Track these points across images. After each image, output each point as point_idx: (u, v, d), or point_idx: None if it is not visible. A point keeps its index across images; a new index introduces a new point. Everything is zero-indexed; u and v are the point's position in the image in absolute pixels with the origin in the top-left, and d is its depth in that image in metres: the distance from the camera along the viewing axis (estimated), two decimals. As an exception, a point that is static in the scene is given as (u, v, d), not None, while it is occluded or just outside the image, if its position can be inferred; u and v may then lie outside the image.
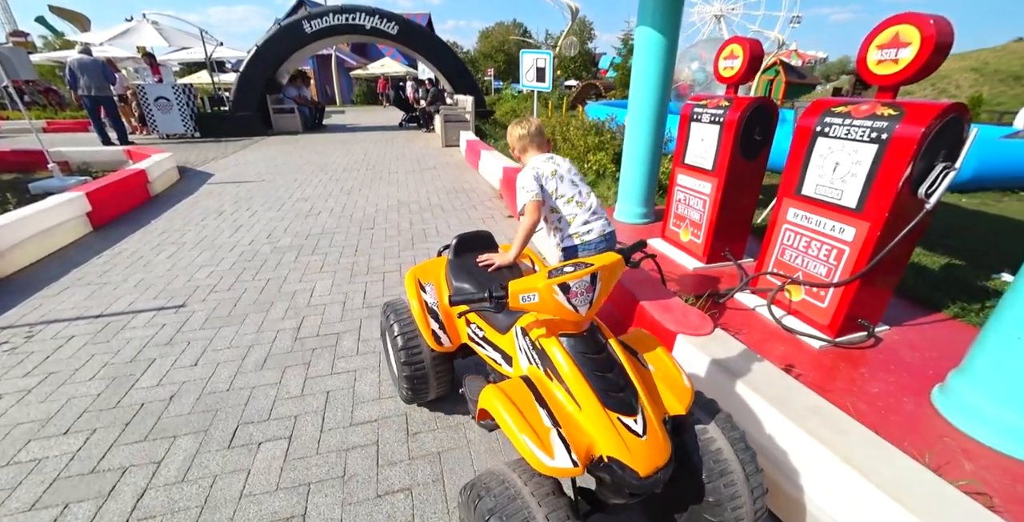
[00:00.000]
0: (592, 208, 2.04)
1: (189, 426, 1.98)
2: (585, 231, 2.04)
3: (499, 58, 43.73)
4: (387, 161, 8.06)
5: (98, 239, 4.22)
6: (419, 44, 11.93)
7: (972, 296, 3.00)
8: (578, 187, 2.04)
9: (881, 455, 1.45)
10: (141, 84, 10.14)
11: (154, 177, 5.76)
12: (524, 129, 2.07)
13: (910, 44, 1.91)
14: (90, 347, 2.56)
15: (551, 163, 2.03)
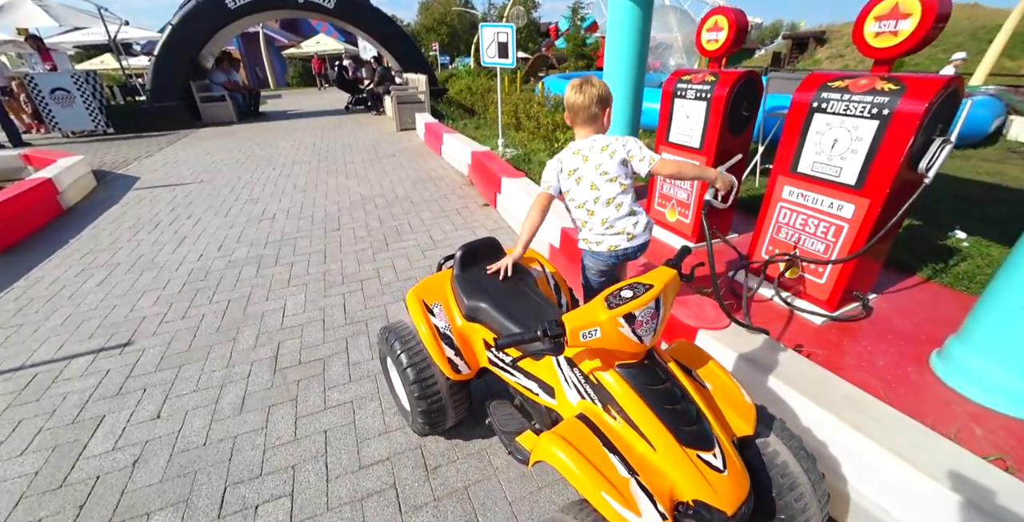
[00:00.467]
0: (608, 222, 1.74)
1: (164, 497, 1.68)
2: (595, 242, 1.81)
3: (442, 31, 41.62)
4: (340, 150, 7.46)
5: (3, 269, 3.59)
6: (360, 19, 10.91)
7: (937, 256, 3.16)
8: (598, 191, 1.73)
9: (918, 440, 1.45)
10: (29, 73, 8.74)
11: (64, 186, 4.96)
12: (573, 98, 1.72)
13: (911, 15, 1.81)
14: (14, 411, 2.12)
15: (578, 159, 1.76)
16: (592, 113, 1.74)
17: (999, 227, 3.58)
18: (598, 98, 1.73)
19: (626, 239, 1.76)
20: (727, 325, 2.05)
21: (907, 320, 2.39)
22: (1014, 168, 5.94)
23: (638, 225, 1.76)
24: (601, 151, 1.73)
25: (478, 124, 8.54)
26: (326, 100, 15.82)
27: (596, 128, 1.79)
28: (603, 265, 1.86)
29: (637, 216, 1.77)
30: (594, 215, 1.76)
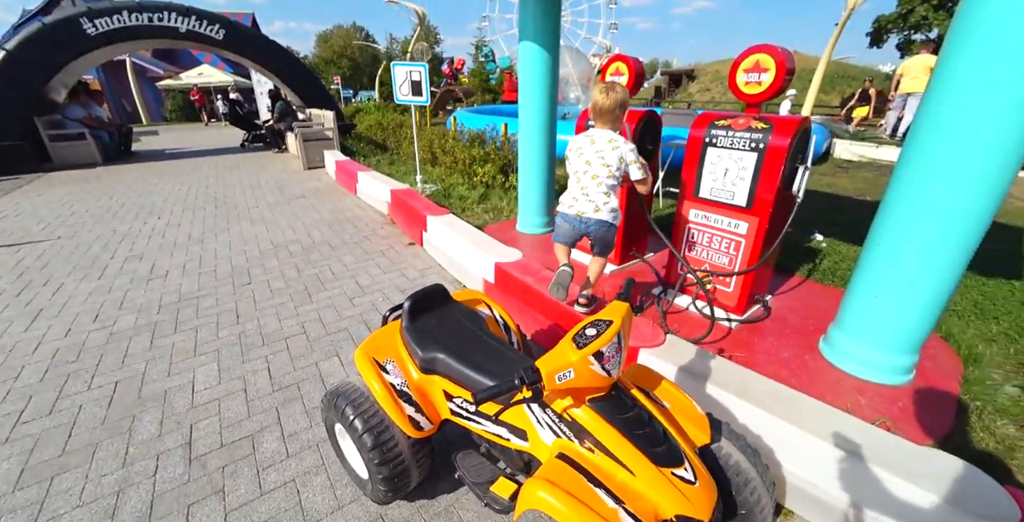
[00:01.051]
0: (585, 190, 2.21)
1: None
2: (569, 204, 2.27)
3: (343, 64, 41.03)
4: (240, 193, 6.84)
5: None
6: (254, 51, 10.19)
7: (806, 257, 3.80)
8: (589, 167, 2.20)
9: (824, 417, 1.69)
10: None
11: None
12: (600, 101, 2.18)
13: (769, 70, 2.23)
14: None
15: (586, 140, 2.25)
16: (615, 115, 2.21)
17: (843, 228, 4.39)
18: (620, 102, 2.18)
19: (592, 210, 2.20)
20: (663, 341, 2.21)
21: (796, 315, 2.82)
22: (843, 180, 7.34)
23: (607, 205, 2.20)
24: (608, 142, 2.20)
25: (392, 160, 8.44)
26: (215, 137, 14.53)
27: (614, 126, 2.25)
28: (568, 227, 2.29)
29: (608, 200, 2.20)
30: (578, 182, 2.24)
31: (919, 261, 1.95)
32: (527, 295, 2.88)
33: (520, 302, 2.95)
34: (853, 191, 6.52)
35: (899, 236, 1.99)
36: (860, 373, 2.20)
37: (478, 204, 5.25)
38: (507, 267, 3.06)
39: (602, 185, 2.18)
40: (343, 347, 2.83)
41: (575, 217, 2.23)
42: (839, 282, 3.27)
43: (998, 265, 3.74)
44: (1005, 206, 5.85)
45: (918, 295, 1.99)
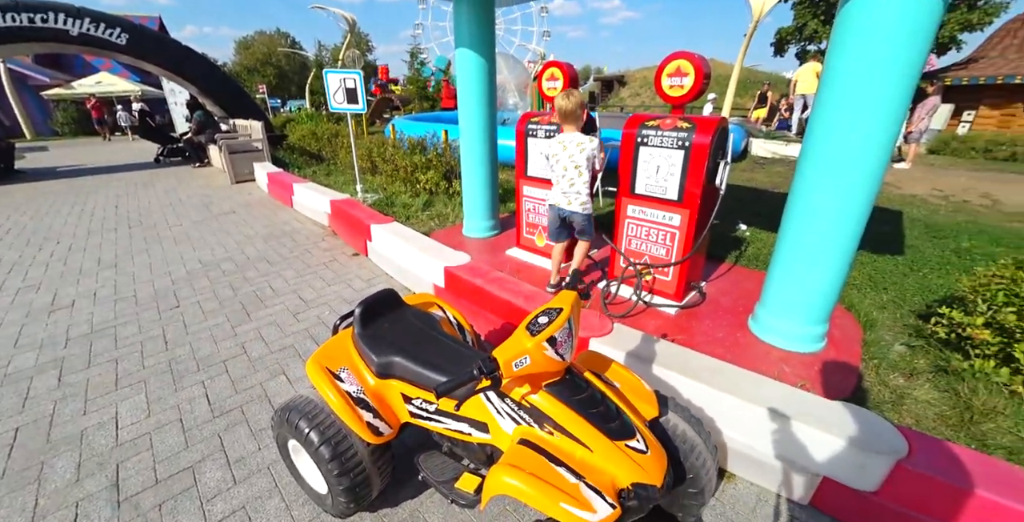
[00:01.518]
0: (564, 190, 2.75)
1: None
2: (553, 198, 2.83)
3: (268, 72, 38.89)
4: (159, 211, 6.28)
5: None
6: (164, 58, 9.24)
7: (733, 245, 4.17)
8: (565, 171, 2.71)
9: (756, 385, 1.89)
10: None
11: None
12: (563, 104, 2.63)
13: (689, 74, 2.45)
14: None
15: (559, 146, 2.73)
16: (576, 115, 2.66)
17: (763, 218, 4.85)
18: (579, 104, 2.64)
19: (566, 202, 2.77)
20: (611, 330, 2.34)
21: (728, 298, 3.09)
22: (760, 175, 8.10)
23: (579, 197, 2.74)
24: (576, 145, 2.67)
25: (329, 170, 8.14)
26: (122, 152, 13.21)
27: (577, 126, 2.71)
28: (554, 214, 2.87)
29: (581, 194, 2.74)
30: (558, 183, 2.78)
31: (820, 242, 2.23)
32: (478, 297, 2.91)
33: (472, 304, 2.98)
34: (769, 184, 7.21)
35: (803, 222, 2.27)
36: (783, 344, 2.47)
37: (423, 211, 5.21)
38: (456, 270, 3.07)
39: (576, 184, 2.72)
40: (290, 364, 2.70)
41: (558, 207, 2.82)
42: (762, 266, 3.61)
43: (885, 244, 4.31)
44: (886, 193, 6.75)
45: (822, 272, 2.27)
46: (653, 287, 2.96)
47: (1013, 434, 1.94)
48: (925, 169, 9.30)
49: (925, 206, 6.06)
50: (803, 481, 1.70)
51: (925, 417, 2.07)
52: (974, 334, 2.29)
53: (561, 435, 1.23)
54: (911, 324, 2.83)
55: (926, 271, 3.69)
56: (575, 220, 2.82)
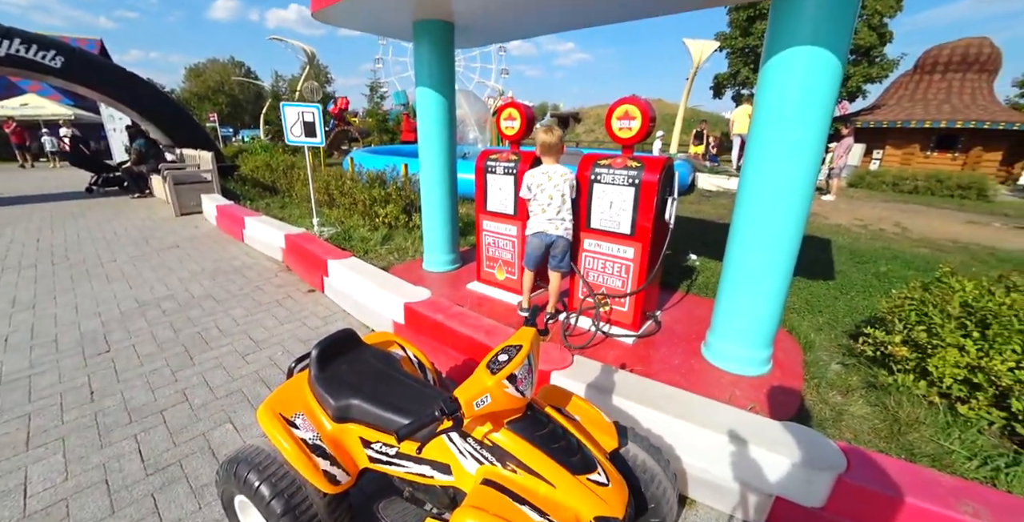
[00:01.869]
0: (549, 215, 2.93)
1: None
2: (537, 226, 2.98)
3: (220, 100, 37.95)
4: (89, 245, 5.82)
5: None
6: (104, 83, 8.79)
7: (684, 275, 4.40)
8: (551, 200, 2.91)
9: (710, 411, 1.97)
10: None
11: None
12: (541, 141, 2.95)
13: (636, 118, 2.66)
14: None
15: (543, 177, 2.94)
16: (558, 147, 2.96)
17: (712, 248, 5.17)
18: (560, 137, 2.96)
19: (553, 227, 2.94)
20: (571, 363, 2.38)
21: (682, 325, 3.23)
22: (707, 207, 8.69)
23: (563, 223, 2.95)
24: (561, 176, 2.91)
25: (283, 203, 7.93)
26: (49, 179, 12.24)
27: (557, 158, 2.99)
28: (537, 241, 2.99)
29: (565, 220, 2.95)
30: (544, 212, 2.94)
31: (759, 270, 2.43)
32: (439, 332, 2.88)
33: (433, 340, 2.94)
34: (715, 216, 7.74)
35: (743, 251, 2.47)
36: (733, 369, 2.60)
37: (381, 245, 5.15)
38: (417, 306, 3.04)
39: (561, 211, 2.93)
40: (238, 411, 2.52)
41: (543, 233, 2.97)
42: (712, 294, 3.81)
43: (818, 270, 4.71)
44: (816, 223, 7.43)
45: (763, 298, 2.46)
46: (611, 318, 3.07)
47: (934, 442, 2.12)
48: (847, 201, 10.35)
49: (849, 234, 6.70)
50: (758, 502, 1.76)
51: (861, 431, 2.23)
52: (894, 351, 2.52)
53: (524, 473, 1.23)
54: (844, 344, 3.08)
55: (853, 294, 4.05)
56: (559, 245, 2.97)
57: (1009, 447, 2.13)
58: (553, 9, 3.27)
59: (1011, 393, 2.13)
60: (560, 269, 3.09)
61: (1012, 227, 7.85)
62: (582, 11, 3.31)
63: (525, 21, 3.66)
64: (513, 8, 3.28)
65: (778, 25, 2.12)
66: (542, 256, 3.06)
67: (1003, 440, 2.18)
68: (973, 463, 2.00)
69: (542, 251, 3.03)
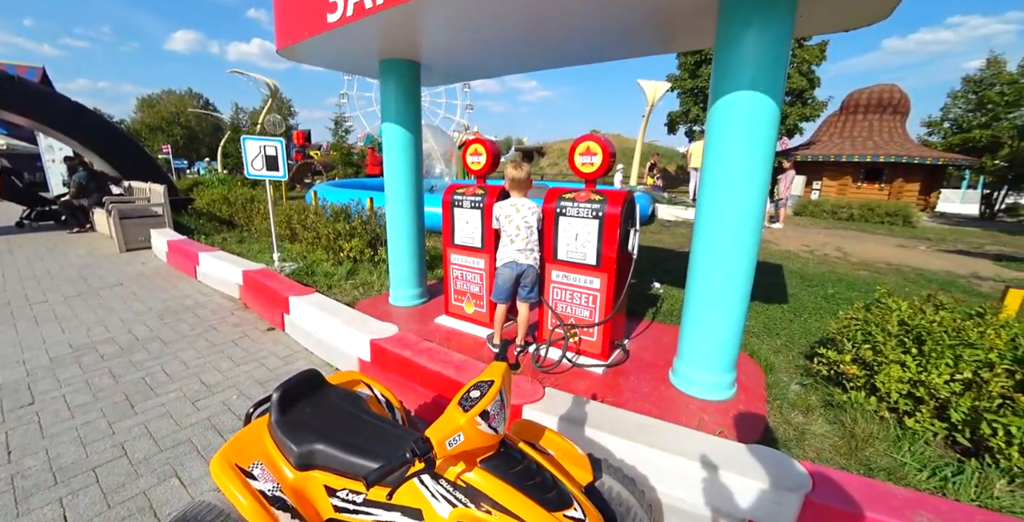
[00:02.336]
0: (518, 245, 3.01)
1: None
2: (507, 256, 3.04)
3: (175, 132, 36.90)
4: (15, 285, 5.33)
5: None
6: (42, 112, 8.37)
7: (649, 303, 4.52)
8: (519, 230, 3.01)
9: (681, 438, 1.99)
10: None
11: None
12: (515, 174, 3.03)
13: (598, 154, 2.81)
14: None
15: (511, 208, 3.03)
16: (526, 182, 3.07)
17: (674, 276, 5.37)
18: (528, 173, 3.07)
19: (523, 257, 3.01)
20: (543, 396, 2.36)
21: (649, 353, 3.29)
22: (667, 236, 9.08)
23: (532, 253, 3.04)
24: (528, 209, 3.01)
25: (241, 238, 7.63)
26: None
27: (525, 192, 3.08)
28: (508, 272, 3.02)
29: (534, 250, 3.05)
30: (513, 242, 3.02)
31: (718, 295, 2.53)
32: (407, 369, 2.80)
33: (400, 377, 2.84)
34: (675, 245, 8.09)
35: (702, 278, 2.58)
36: (700, 394, 2.65)
37: (346, 280, 5.02)
38: (383, 343, 2.95)
39: (528, 241, 3.01)
40: (185, 464, 2.30)
41: (513, 263, 3.02)
42: (677, 321, 3.94)
43: (773, 294, 4.97)
44: (768, 249, 7.90)
45: (723, 323, 2.56)
46: (580, 348, 3.09)
47: (888, 456, 2.22)
48: (794, 228, 11.11)
49: (798, 259, 7.16)
50: (732, 529, 1.76)
51: (823, 449, 2.31)
52: (846, 369, 2.67)
53: (499, 513, 1.19)
54: (801, 365, 3.22)
55: (806, 316, 4.28)
56: (529, 275, 3.03)
57: (953, 456, 2.26)
58: (514, 52, 3.48)
59: (949, 404, 2.28)
60: (529, 300, 3.11)
61: (935, 250, 8.66)
62: (541, 55, 3.54)
63: (488, 62, 3.86)
64: (476, 50, 3.46)
65: (721, 71, 2.34)
66: (512, 288, 3.07)
67: (947, 450, 2.32)
68: (923, 474, 2.10)
69: (513, 282, 3.05)
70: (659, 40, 3.14)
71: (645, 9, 2.49)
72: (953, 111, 20.64)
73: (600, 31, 2.90)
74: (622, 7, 2.47)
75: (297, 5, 3.09)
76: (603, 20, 2.68)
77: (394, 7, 2.44)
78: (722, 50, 2.31)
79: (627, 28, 2.83)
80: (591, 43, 3.19)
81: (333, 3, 2.75)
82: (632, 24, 2.75)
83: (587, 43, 3.19)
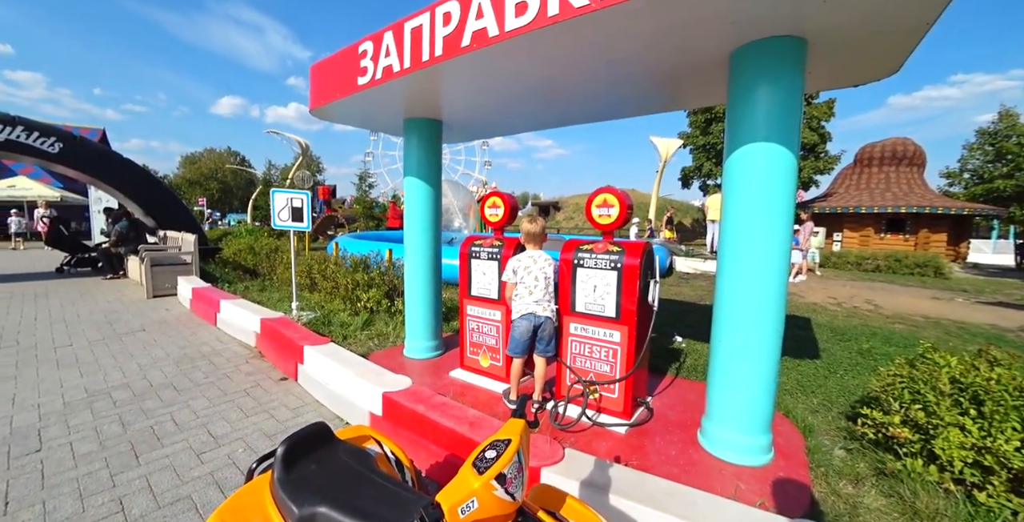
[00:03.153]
0: (536, 297, 2.96)
1: None
2: (524, 308, 2.98)
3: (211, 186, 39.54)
4: (45, 328, 5.47)
5: None
6: (98, 168, 9.27)
7: (672, 357, 4.33)
8: (537, 282, 2.96)
9: (717, 508, 1.80)
10: None
11: None
12: (525, 230, 3.08)
13: (615, 206, 2.84)
14: None
15: (529, 260, 3.01)
16: (541, 236, 3.09)
17: (695, 329, 5.18)
18: (543, 227, 3.10)
19: (541, 309, 2.95)
20: (563, 457, 2.19)
21: (674, 411, 3.08)
22: (686, 289, 8.90)
23: (550, 304, 2.99)
24: (544, 260, 3.01)
25: (263, 286, 7.81)
26: (19, 260, 11.90)
27: (540, 245, 3.11)
28: (526, 324, 2.95)
29: (551, 302, 3.00)
30: (531, 294, 2.97)
31: (746, 351, 2.40)
32: (419, 425, 2.66)
33: (412, 433, 2.70)
34: (696, 297, 7.91)
35: (728, 330, 2.46)
36: (734, 459, 2.42)
37: (362, 330, 5.00)
38: (396, 396, 2.84)
39: (546, 292, 2.97)
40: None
41: (531, 315, 2.95)
42: (701, 376, 3.73)
43: (804, 349, 4.71)
44: (794, 302, 7.64)
45: (754, 380, 2.40)
46: (601, 405, 2.92)
47: (963, 541, 1.94)
48: (818, 280, 10.81)
49: (826, 312, 6.87)
50: None
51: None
52: (896, 433, 2.42)
53: None
54: (843, 427, 2.95)
55: (841, 372, 4.01)
56: (547, 327, 2.95)
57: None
58: (529, 112, 3.69)
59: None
60: (547, 354, 3.00)
61: (973, 302, 8.22)
62: (554, 113, 3.74)
63: (505, 120, 4.08)
64: (493, 109, 3.68)
65: (735, 124, 2.37)
66: (529, 341, 2.98)
67: (1033, 534, 2.01)
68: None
69: (530, 334, 2.96)
70: (670, 98, 3.29)
71: (658, 69, 2.63)
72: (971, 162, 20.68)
73: (613, 92, 3.08)
74: (635, 68, 2.62)
75: (331, 70, 3.39)
76: (616, 82, 2.85)
77: (419, 71, 2.65)
78: (735, 104, 2.38)
79: (639, 88, 2.99)
80: (604, 103, 3.36)
81: (364, 68, 3.01)
82: (644, 84, 2.91)
83: (600, 103, 3.36)
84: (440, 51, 2.52)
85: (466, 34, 2.37)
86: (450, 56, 2.48)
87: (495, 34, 2.24)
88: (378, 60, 2.92)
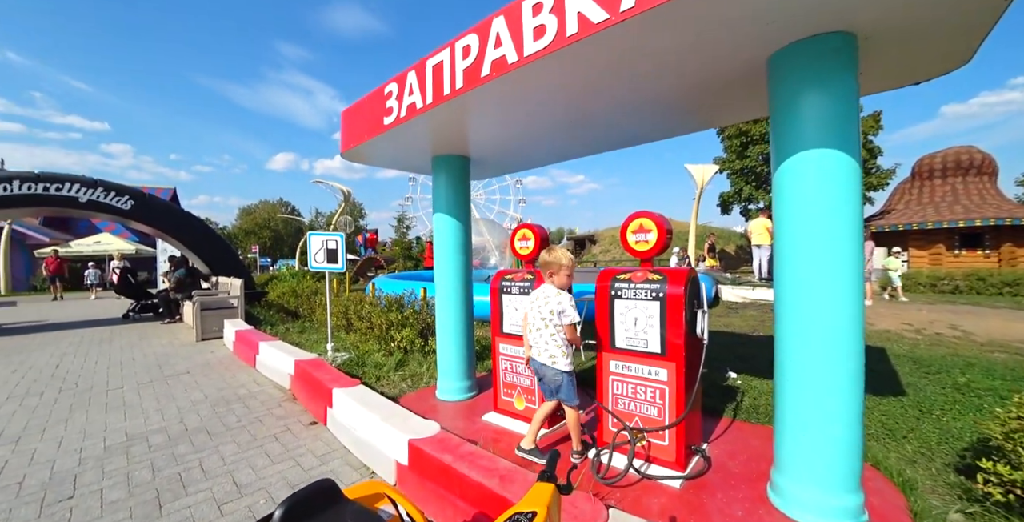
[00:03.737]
0: (533, 339, 2.71)
1: None
2: (528, 350, 2.78)
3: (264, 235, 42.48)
4: (102, 372, 5.72)
5: None
6: (162, 221, 10.34)
7: (726, 396, 3.86)
8: (533, 321, 2.71)
9: None
10: None
11: None
12: (540, 259, 2.76)
13: (652, 231, 2.62)
14: None
15: (535, 296, 2.75)
16: (553, 267, 2.68)
17: (750, 363, 4.67)
18: (556, 257, 2.69)
19: (536, 354, 2.69)
20: (607, 519, 1.88)
21: (736, 461, 2.66)
22: (735, 319, 8.27)
23: (547, 348, 2.65)
24: (543, 297, 2.68)
25: (303, 328, 7.97)
26: (91, 308, 12.88)
27: (558, 277, 2.68)
28: (534, 370, 2.75)
29: (548, 346, 2.64)
30: (529, 334, 2.77)
31: (821, 386, 2.02)
32: (446, 477, 2.41)
33: (439, 487, 2.45)
34: (747, 328, 7.30)
35: (797, 368, 2.09)
36: (809, 519, 2.01)
37: (395, 371, 4.88)
38: (422, 444, 2.62)
39: (542, 334, 2.65)
40: (188, 590, 2.00)
41: (532, 360, 2.73)
42: (763, 419, 3.28)
43: (884, 384, 4.11)
44: (861, 330, 6.86)
45: (834, 422, 2.01)
46: (650, 453, 2.56)
47: None
48: (886, 305, 9.78)
49: (903, 341, 6.09)
50: None
51: None
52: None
53: None
54: (954, 482, 2.44)
55: (937, 412, 3.42)
56: (546, 374, 2.66)
57: None
58: (557, 142, 3.62)
59: None
60: (568, 403, 2.66)
61: (1089, 327, 7.07)
62: (581, 142, 3.64)
63: (532, 152, 4.03)
64: (519, 142, 3.64)
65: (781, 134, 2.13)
66: (547, 386, 2.74)
67: None
68: None
69: (540, 381, 2.77)
70: (700, 116, 3.10)
71: (686, 83, 2.46)
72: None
73: (639, 113, 2.94)
74: (661, 84, 2.47)
75: (360, 113, 3.50)
76: (642, 101, 2.72)
77: (440, 105, 2.66)
78: (780, 114, 2.15)
79: (666, 106, 2.83)
80: (632, 126, 3.23)
81: (389, 108, 3.07)
82: (671, 101, 2.74)
83: (628, 126, 3.24)
84: (461, 83, 2.52)
85: (485, 64, 2.35)
86: (470, 87, 2.46)
87: (514, 60, 2.21)
88: (402, 99, 2.98)
